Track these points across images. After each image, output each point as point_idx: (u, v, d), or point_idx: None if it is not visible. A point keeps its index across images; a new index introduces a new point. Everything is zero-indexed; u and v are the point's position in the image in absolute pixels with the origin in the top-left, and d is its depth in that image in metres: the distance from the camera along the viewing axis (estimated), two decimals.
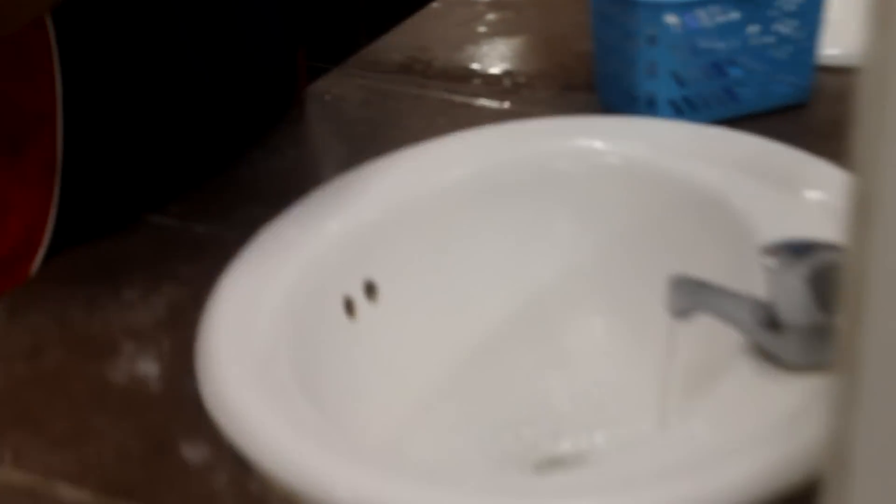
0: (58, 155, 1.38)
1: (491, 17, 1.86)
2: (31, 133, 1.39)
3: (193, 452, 1.06)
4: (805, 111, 1.53)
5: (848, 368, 0.62)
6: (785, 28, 1.52)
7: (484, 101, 1.62)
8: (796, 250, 1.08)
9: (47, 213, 1.38)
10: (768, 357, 1.09)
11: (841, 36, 1.54)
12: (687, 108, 1.51)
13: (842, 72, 1.55)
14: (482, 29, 1.81)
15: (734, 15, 1.49)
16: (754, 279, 1.11)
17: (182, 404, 1.10)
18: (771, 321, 1.09)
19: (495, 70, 1.70)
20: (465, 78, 1.68)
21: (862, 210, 0.56)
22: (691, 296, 1.15)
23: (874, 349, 0.56)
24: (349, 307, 1.26)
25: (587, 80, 1.62)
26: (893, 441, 0.59)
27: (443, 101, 1.63)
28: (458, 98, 1.63)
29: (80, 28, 1.39)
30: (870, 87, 0.57)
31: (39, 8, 1.34)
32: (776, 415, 1.01)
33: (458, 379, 1.33)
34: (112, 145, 1.45)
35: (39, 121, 1.39)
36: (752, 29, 1.50)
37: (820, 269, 1.04)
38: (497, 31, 1.81)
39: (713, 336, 1.14)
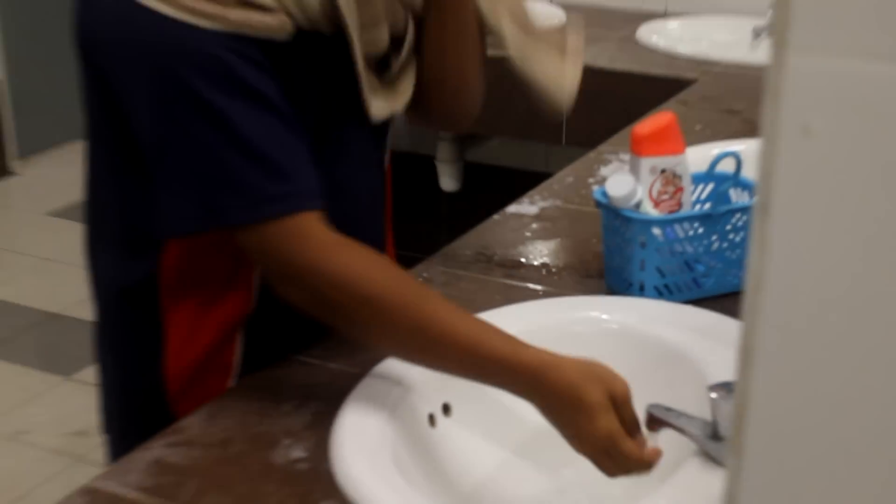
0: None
1: (535, 226, 1.85)
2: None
3: None
4: None
5: (735, 456, 0.73)
6: (736, 237, 1.57)
7: (528, 284, 1.64)
8: (732, 387, 1.20)
9: (236, 352, 1.44)
10: (711, 459, 1.20)
11: None
12: (666, 292, 1.56)
13: None
14: (528, 234, 1.82)
15: (700, 229, 1.55)
16: (705, 406, 1.20)
17: (321, 478, 1.21)
18: (714, 434, 1.20)
19: (536, 262, 1.72)
20: (516, 268, 1.69)
21: (746, 357, 0.69)
22: (662, 416, 1.23)
23: (751, 448, 0.64)
24: (432, 420, 1.34)
25: (599, 270, 1.65)
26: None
27: (500, 283, 1.65)
28: (510, 282, 1.65)
29: None
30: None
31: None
32: (714, 496, 1.14)
33: (507, 464, 1.36)
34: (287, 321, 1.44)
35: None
36: (713, 238, 1.56)
37: None
38: (539, 235, 1.82)
39: (675, 444, 1.23)
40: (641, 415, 1.25)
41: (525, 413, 1.36)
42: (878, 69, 0.60)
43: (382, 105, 1.42)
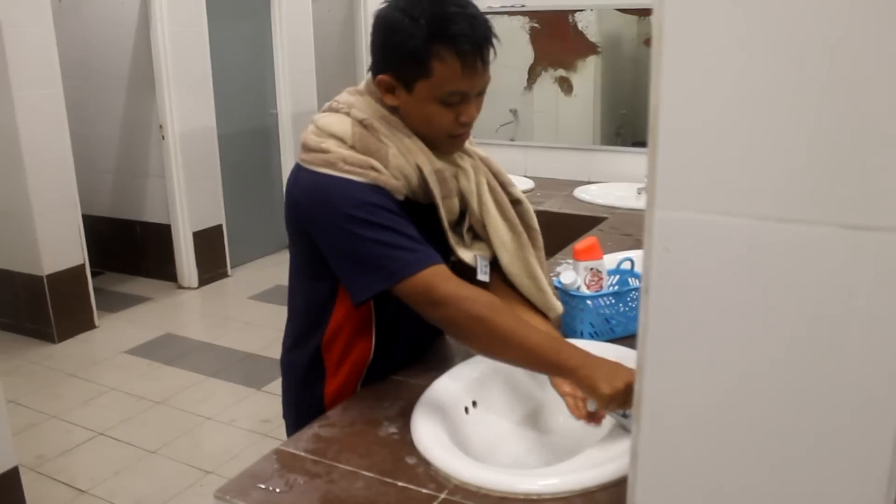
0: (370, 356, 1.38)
1: None
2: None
3: (411, 461, 1.16)
4: None
5: (636, 425, 0.67)
6: (633, 304, 1.56)
7: None
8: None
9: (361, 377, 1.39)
10: (624, 428, 1.18)
11: None
12: (596, 336, 1.55)
13: None
14: None
15: (613, 300, 1.55)
16: None
17: (406, 444, 1.20)
18: (623, 414, 1.17)
19: None
20: None
21: (640, 369, 0.68)
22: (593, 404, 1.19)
23: (644, 421, 0.69)
24: (466, 410, 1.31)
25: (558, 324, 1.56)
26: (658, 454, 0.71)
27: None
28: None
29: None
30: None
31: None
32: (626, 448, 1.08)
33: (511, 435, 1.32)
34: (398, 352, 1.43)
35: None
36: (620, 305, 1.56)
37: None
38: None
39: (606, 421, 1.22)
40: (587, 406, 1.21)
41: (516, 407, 1.35)
42: (703, 217, 0.63)
43: (464, 252, 1.34)
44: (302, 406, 1.43)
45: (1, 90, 3.69)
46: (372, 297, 1.23)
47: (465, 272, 1.32)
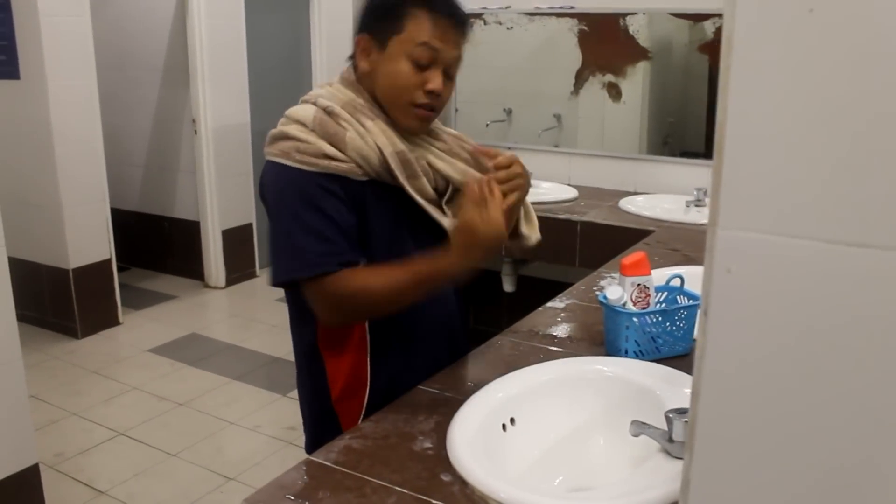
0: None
1: (563, 314, 1.80)
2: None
3: (446, 478, 1.16)
4: (688, 358, 1.50)
5: (689, 452, 0.70)
6: (680, 324, 1.55)
7: (559, 349, 1.60)
8: (679, 411, 1.17)
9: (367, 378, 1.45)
10: (668, 454, 1.19)
11: None
12: (640, 355, 1.54)
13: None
14: (559, 319, 1.77)
15: (660, 318, 1.54)
16: (663, 422, 1.18)
17: (441, 460, 1.20)
18: (670, 439, 1.18)
19: (564, 336, 1.68)
20: (551, 339, 1.66)
21: (694, 395, 0.69)
22: (639, 428, 1.21)
23: (698, 448, 0.67)
24: (504, 427, 1.31)
25: (600, 342, 1.62)
26: (711, 483, 0.69)
27: (543, 348, 1.61)
28: (549, 347, 1.61)
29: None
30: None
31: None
32: (670, 477, 1.11)
33: (549, 455, 1.32)
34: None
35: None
36: (667, 324, 1.55)
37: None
38: (565, 320, 1.77)
39: (647, 444, 1.22)
40: (629, 429, 1.22)
41: (555, 426, 1.35)
42: (769, 238, 0.62)
43: (448, 222, 1.41)
44: (312, 408, 1.50)
45: (36, 80, 3.77)
46: (288, 284, 1.35)
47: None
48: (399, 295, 1.32)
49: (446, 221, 1.42)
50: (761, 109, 0.60)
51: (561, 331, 1.74)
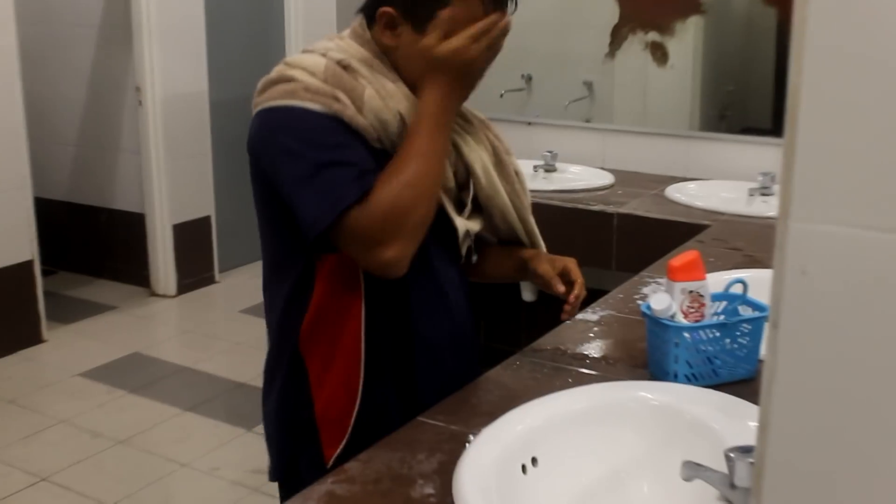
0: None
1: (596, 329, 1.82)
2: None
3: None
4: (753, 382, 1.54)
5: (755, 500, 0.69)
6: (744, 341, 1.56)
7: (592, 372, 1.62)
8: (743, 450, 1.16)
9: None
10: (730, 502, 1.18)
11: None
12: (693, 379, 1.54)
13: None
14: (591, 335, 1.79)
15: (718, 333, 1.55)
16: (722, 463, 1.17)
17: None
18: (731, 484, 1.17)
19: (598, 356, 1.70)
20: (583, 359, 1.67)
21: (762, 430, 0.69)
22: (693, 470, 1.21)
23: (769, 488, 0.67)
24: (524, 469, 1.31)
25: (643, 362, 1.63)
26: None
27: (572, 371, 1.62)
28: (579, 370, 1.63)
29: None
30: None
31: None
32: None
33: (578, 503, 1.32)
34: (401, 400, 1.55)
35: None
36: (727, 341, 1.56)
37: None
38: (599, 336, 1.79)
39: (703, 490, 1.22)
40: (680, 472, 1.22)
41: (588, 468, 1.37)
42: (853, 233, 0.62)
43: (460, 222, 1.51)
44: (289, 415, 1.55)
45: None
46: (328, 227, 1.37)
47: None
48: (427, 161, 1.38)
49: (459, 221, 1.49)
50: (848, 70, 0.59)
51: (594, 349, 1.75)
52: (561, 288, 1.56)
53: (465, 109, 1.55)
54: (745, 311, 1.63)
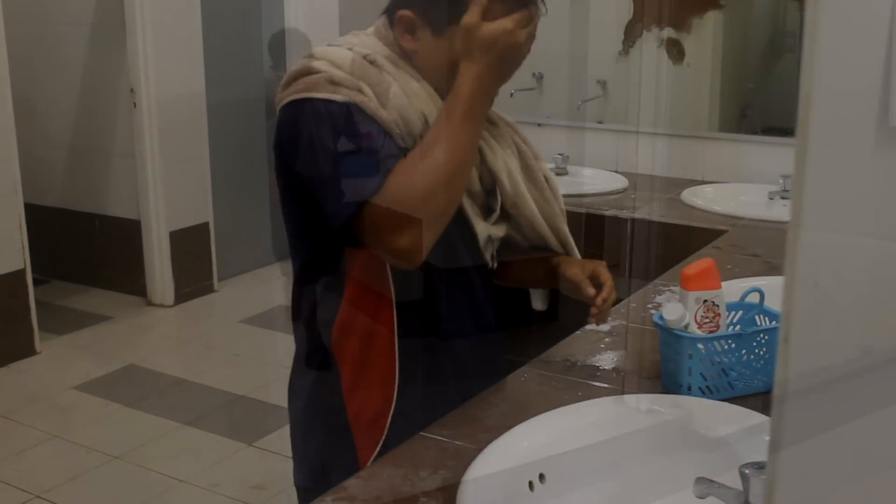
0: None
1: (607, 340, 1.82)
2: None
3: None
4: (770, 395, 1.52)
5: None
6: (761, 352, 1.56)
7: (603, 384, 1.62)
8: (759, 466, 1.15)
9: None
10: None
11: None
12: (707, 392, 1.55)
13: None
14: (602, 346, 1.79)
15: (733, 344, 1.55)
16: (737, 479, 1.16)
17: None
18: (746, 502, 1.15)
19: (608, 368, 1.70)
20: (593, 371, 1.68)
21: (773, 447, 0.69)
22: (707, 487, 1.19)
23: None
24: (531, 486, 1.31)
25: (656, 374, 1.64)
26: None
27: (582, 384, 1.62)
28: (590, 382, 1.63)
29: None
30: None
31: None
32: None
33: None
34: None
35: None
36: (743, 352, 1.56)
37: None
38: (610, 347, 1.78)
39: None
40: (693, 489, 1.20)
41: (598, 485, 1.36)
42: (868, 243, 0.62)
43: (482, 226, 1.52)
44: (319, 420, 1.56)
45: None
46: (354, 213, 1.39)
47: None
48: (451, 150, 1.39)
49: (480, 226, 1.51)
50: (857, 72, 0.60)
51: (605, 361, 1.75)
52: (591, 291, 1.54)
53: (492, 111, 1.55)
54: (763, 322, 1.63)
